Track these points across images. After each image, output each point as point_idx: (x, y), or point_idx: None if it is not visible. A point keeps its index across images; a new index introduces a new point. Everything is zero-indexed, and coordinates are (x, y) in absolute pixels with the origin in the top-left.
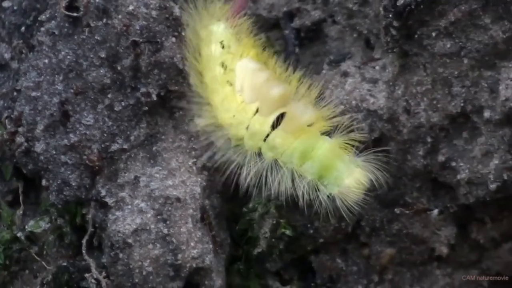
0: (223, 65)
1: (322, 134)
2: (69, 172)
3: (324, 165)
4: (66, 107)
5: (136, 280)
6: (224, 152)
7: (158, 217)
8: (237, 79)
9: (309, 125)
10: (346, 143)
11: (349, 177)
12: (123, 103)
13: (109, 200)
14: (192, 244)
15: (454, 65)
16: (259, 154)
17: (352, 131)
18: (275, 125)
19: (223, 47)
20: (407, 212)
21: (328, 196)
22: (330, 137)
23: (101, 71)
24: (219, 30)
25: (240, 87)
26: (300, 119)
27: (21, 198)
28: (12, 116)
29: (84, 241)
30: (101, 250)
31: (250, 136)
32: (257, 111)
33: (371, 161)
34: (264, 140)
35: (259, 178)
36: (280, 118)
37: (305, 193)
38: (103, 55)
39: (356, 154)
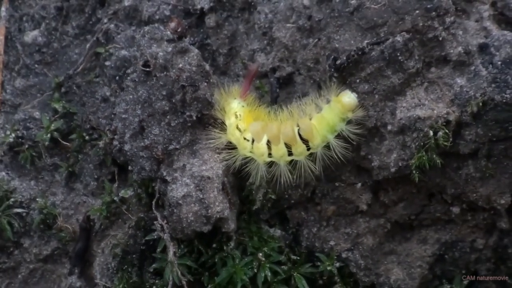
0: (237, 117)
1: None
2: (144, 162)
3: (335, 118)
4: (142, 123)
5: (184, 225)
6: (240, 161)
7: (197, 188)
8: (251, 133)
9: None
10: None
11: (345, 101)
12: (176, 121)
13: (168, 178)
14: (217, 204)
15: (369, 98)
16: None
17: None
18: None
19: (236, 117)
20: (343, 184)
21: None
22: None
23: (163, 102)
24: (235, 105)
25: (252, 136)
26: (309, 132)
27: (116, 177)
28: (111, 129)
29: (153, 202)
30: (163, 207)
31: (275, 157)
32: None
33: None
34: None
35: (261, 174)
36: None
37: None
38: (164, 93)
39: None
